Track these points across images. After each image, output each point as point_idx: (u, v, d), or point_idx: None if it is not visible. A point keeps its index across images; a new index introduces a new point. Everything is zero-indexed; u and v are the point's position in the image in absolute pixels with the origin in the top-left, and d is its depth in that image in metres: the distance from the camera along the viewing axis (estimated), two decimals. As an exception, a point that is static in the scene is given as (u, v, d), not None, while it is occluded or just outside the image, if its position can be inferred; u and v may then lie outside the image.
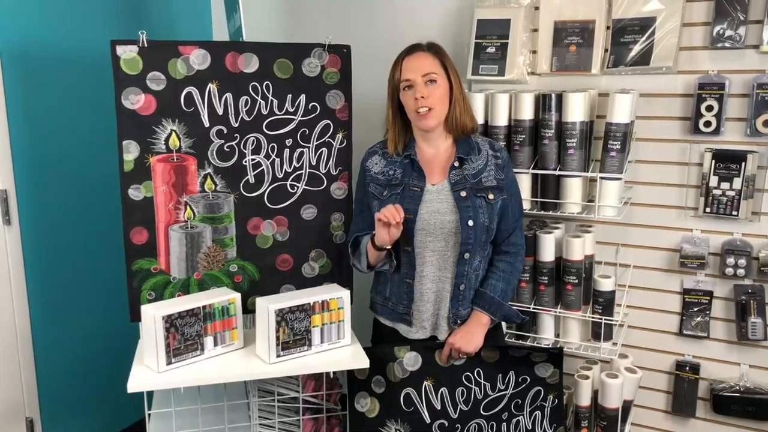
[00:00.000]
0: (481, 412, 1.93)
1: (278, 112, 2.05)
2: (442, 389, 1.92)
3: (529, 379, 1.93)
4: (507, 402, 1.94)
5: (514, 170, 2.07)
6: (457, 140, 1.89)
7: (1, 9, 2.23)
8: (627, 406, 2.18)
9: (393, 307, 1.95)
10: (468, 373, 1.92)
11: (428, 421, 1.93)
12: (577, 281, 2.14)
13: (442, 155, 1.89)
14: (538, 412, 1.95)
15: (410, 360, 1.91)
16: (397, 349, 1.91)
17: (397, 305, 1.93)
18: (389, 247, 1.82)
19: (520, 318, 1.97)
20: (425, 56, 1.82)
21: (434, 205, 1.84)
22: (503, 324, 2.09)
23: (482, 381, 1.92)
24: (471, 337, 1.87)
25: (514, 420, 1.94)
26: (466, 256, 1.84)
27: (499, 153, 1.90)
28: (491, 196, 1.84)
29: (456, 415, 1.93)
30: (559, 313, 2.20)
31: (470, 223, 1.81)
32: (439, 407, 1.93)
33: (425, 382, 1.92)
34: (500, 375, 1.93)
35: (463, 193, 1.83)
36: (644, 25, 2.05)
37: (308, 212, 2.13)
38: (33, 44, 2.33)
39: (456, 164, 1.86)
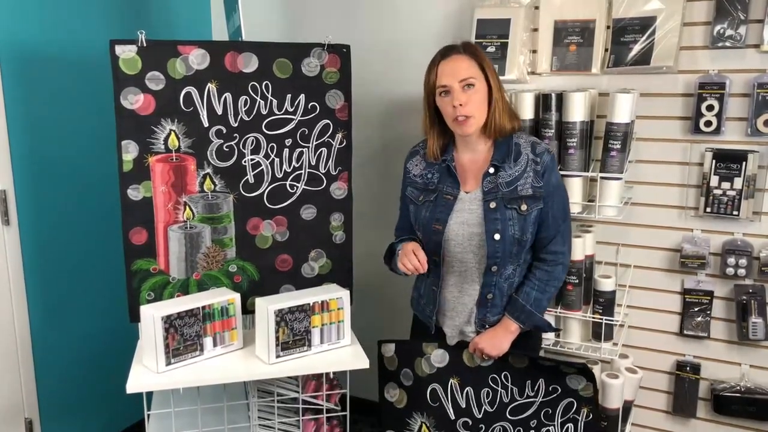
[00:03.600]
0: (507, 415, 1.90)
1: (278, 112, 2.05)
2: (467, 388, 1.91)
3: (560, 390, 1.86)
4: (536, 410, 1.88)
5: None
6: (497, 143, 1.79)
7: (1, 9, 2.23)
8: (627, 406, 2.18)
9: (423, 306, 1.94)
10: (494, 375, 1.89)
11: (452, 417, 1.92)
12: (577, 281, 2.14)
13: (479, 160, 1.81)
14: (570, 425, 1.87)
15: (437, 357, 1.91)
16: (425, 345, 1.91)
17: (426, 306, 1.93)
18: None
19: (552, 328, 1.92)
20: (462, 59, 1.73)
21: (464, 216, 1.78)
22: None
23: (509, 385, 1.88)
24: (496, 341, 1.82)
25: (544, 429, 1.89)
26: (494, 269, 1.78)
27: (539, 158, 1.77)
28: (524, 207, 1.75)
29: (480, 415, 1.91)
30: (560, 313, 2.20)
31: (496, 237, 1.74)
32: (463, 405, 1.91)
33: (451, 380, 1.91)
34: (529, 381, 1.87)
35: (493, 204, 1.75)
36: (644, 24, 2.05)
37: (308, 212, 2.12)
38: (32, 44, 2.33)
39: (491, 171, 1.78)
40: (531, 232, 1.78)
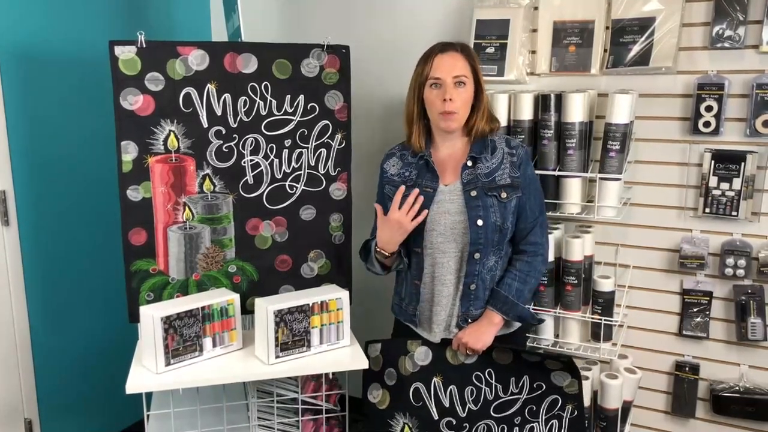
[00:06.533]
0: (492, 413, 1.90)
1: (277, 113, 2.05)
2: (451, 387, 1.91)
3: (544, 386, 1.87)
4: (520, 406, 1.89)
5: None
6: (474, 139, 1.86)
7: (1, 9, 2.23)
8: (627, 406, 2.18)
9: (405, 307, 1.95)
10: (478, 373, 1.90)
11: (436, 417, 1.92)
12: (576, 282, 2.14)
13: (456, 155, 1.87)
14: (555, 422, 1.88)
15: (421, 354, 1.91)
16: (409, 343, 1.92)
17: (408, 306, 1.94)
18: (390, 253, 1.85)
19: (535, 319, 1.94)
20: (458, 57, 1.79)
21: (445, 206, 1.82)
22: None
23: (493, 382, 1.89)
24: (480, 334, 1.83)
25: (528, 426, 1.90)
26: (477, 256, 1.81)
27: (515, 150, 1.85)
28: (504, 195, 1.81)
29: (464, 414, 1.91)
30: (559, 313, 2.20)
31: (479, 222, 1.78)
32: (447, 404, 1.91)
33: (435, 378, 1.91)
34: (513, 378, 1.89)
35: (474, 193, 1.80)
36: (643, 25, 2.05)
37: (307, 213, 2.12)
38: (32, 44, 2.33)
39: (469, 163, 1.83)
40: (511, 221, 1.83)
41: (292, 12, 2.84)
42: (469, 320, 1.87)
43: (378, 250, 1.87)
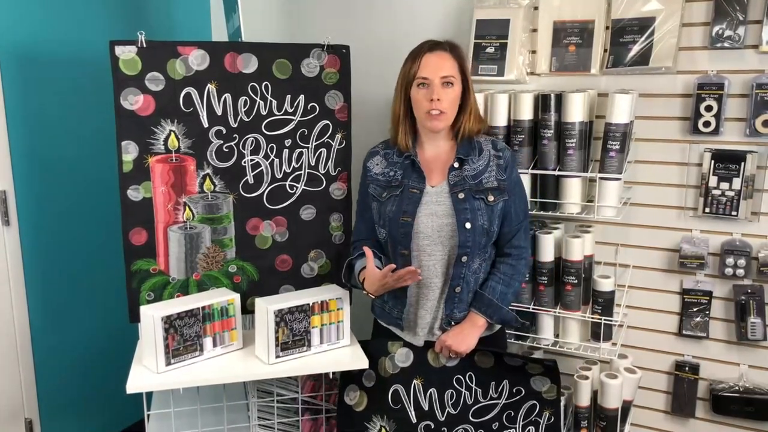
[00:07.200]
0: (470, 418, 1.90)
1: (277, 113, 2.05)
2: (431, 389, 1.90)
3: (524, 392, 1.87)
4: (499, 412, 1.89)
5: (513, 170, 2.07)
6: (460, 140, 1.86)
7: (1, 9, 2.23)
8: (626, 406, 2.18)
9: (389, 310, 1.94)
10: (459, 376, 1.89)
11: (414, 421, 1.91)
12: (576, 281, 2.14)
13: (442, 156, 1.87)
14: (531, 428, 1.88)
15: (402, 356, 1.90)
16: (390, 344, 1.91)
17: (392, 309, 1.93)
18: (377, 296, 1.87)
19: (519, 323, 1.94)
20: (447, 57, 1.79)
21: (432, 208, 1.82)
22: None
23: (474, 386, 1.89)
24: (463, 337, 1.84)
25: None
26: (464, 259, 1.81)
27: (501, 153, 1.86)
28: (491, 198, 1.81)
29: (443, 418, 1.90)
30: (559, 313, 2.20)
31: (467, 225, 1.78)
32: (426, 408, 1.91)
33: (415, 381, 1.90)
34: (493, 383, 1.89)
35: (461, 195, 1.80)
36: (643, 25, 2.05)
37: (307, 212, 2.13)
38: (33, 44, 2.33)
39: (456, 165, 1.83)
40: (497, 224, 1.84)
41: (292, 12, 2.84)
42: (453, 323, 1.87)
43: (365, 292, 1.87)
